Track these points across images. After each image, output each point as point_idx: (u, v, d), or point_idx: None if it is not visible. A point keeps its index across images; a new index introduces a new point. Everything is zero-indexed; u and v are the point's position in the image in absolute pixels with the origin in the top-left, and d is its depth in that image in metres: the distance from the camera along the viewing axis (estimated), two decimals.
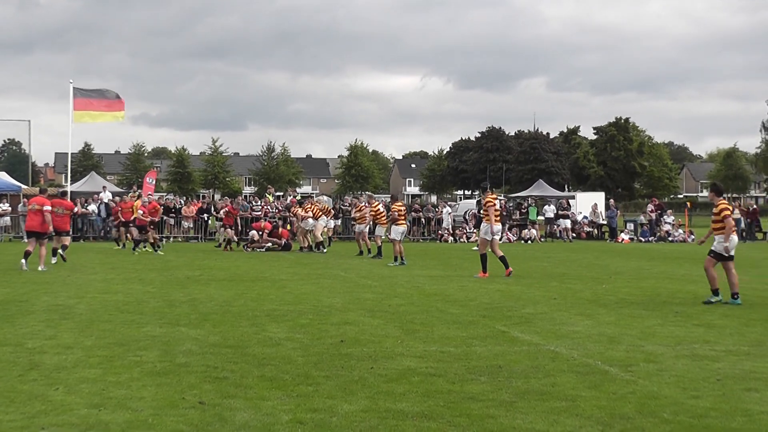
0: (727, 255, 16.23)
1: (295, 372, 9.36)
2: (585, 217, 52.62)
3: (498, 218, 22.72)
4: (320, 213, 34.11)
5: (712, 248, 16.43)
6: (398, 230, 27.58)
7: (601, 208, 53.52)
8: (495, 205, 22.51)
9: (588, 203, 55.14)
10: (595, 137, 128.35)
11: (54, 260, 25.51)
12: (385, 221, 30.02)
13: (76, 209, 27.90)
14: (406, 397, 8.22)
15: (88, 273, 22.28)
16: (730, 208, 16.90)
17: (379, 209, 30.83)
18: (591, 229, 51.76)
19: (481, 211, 23.03)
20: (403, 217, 28.19)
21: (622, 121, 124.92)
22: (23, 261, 23.08)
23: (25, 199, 33.33)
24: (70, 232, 28.94)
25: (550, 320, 13.75)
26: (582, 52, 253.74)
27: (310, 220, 33.89)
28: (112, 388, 8.46)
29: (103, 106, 45.56)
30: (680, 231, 48.53)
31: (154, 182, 50.29)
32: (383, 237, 30.90)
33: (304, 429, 7.04)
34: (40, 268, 22.85)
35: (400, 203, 29.11)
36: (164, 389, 8.45)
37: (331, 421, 7.31)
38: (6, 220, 43.87)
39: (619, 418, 7.48)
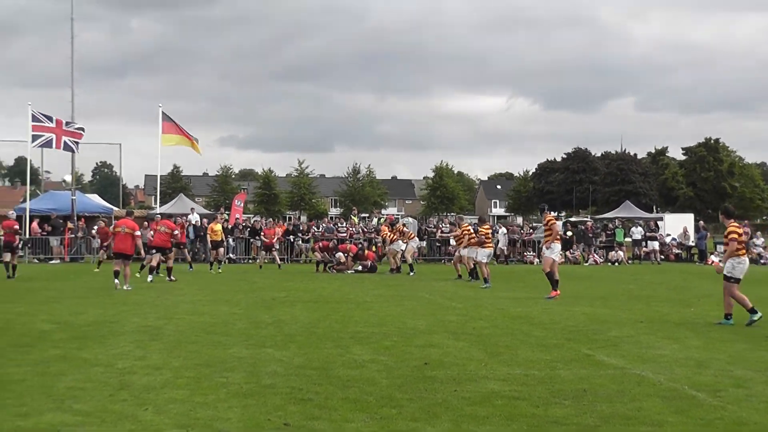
0: (729, 276, 16.49)
1: (379, 394, 9.41)
2: (674, 239, 51.88)
3: (558, 239, 23.09)
4: (411, 235, 34.41)
5: (727, 273, 16.54)
6: (485, 253, 27.51)
7: (691, 230, 52.71)
8: (557, 225, 22.63)
9: (676, 225, 54.39)
10: (683, 158, 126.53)
11: (150, 278, 26.87)
12: (475, 242, 29.65)
13: (176, 231, 28.81)
14: (490, 420, 8.22)
15: (176, 294, 22.63)
16: (739, 231, 16.97)
17: (470, 230, 30.52)
18: (680, 251, 51.01)
19: (545, 231, 23.00)
20: (489, 240, 28.12)
21: (712, 141, 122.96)
22: (116, 281, 24.06)
23: (115, 220, 34.13)
24: (172, 251, 29.66)
25: (636, 343, 13.59)
26: (671, 71, 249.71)
27: (401, 243, 34.05)
28: (200, 409, 8.61)
29: (186, 135, 46.82)
30: None
31: (242, 204, 50.92)
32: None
33: None
34: (125, 287, 23.59)
35: (487, 225, 28.88)
36: (250, 410, 8.56)
37: None
38: (99, 242, 44.79)
39: None
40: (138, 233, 24.97)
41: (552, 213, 22.88)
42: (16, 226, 31.69)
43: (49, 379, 10.19)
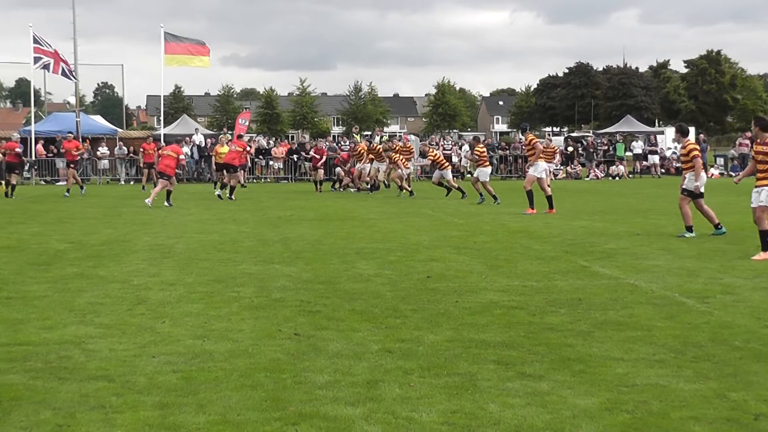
0: (698, 192, 16.85)
1: (384, 306, 9.89)
2: (674, 153, 52.13)
3: (544, 157, 23.55)
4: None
5: (684, 186, 17.03)
6: (486, 172, 27.48)
7: None
8: (538, 144, 23.20)
9: None
10: (685, 71, 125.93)
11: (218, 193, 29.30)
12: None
13: (248, 148, 30.29)
14: (489, 328, 8.69)
15: (184, 214, 23.11)
16: (698, 148, 17.69)
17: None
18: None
19: (528, 151, 23.36)
20: (485, 160, 27.83)
21: (714, 53, 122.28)
22: (167, 203, 25.88)
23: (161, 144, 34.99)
24: (238, 170, 30.52)
25: (632, 255, 14.07)
26: None
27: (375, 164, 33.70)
28: (214, 321, 9.09)
29: (191, 50, 46.70)
30: None
31: (247, 123, 50.84)
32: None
33: (392, 357, 7.54)
34: (147, 201, 25.10)
35: (481, 145, 28.61)
36: (262, 322, 9.04)
37: (418, 350, 7.81)
38: (105, 164, 45.19)
39: (692, 346, 7.85)
40: (182, 156, 26.42)
41: (534, 132, 23.32)
42: (18, 149, 32.22)
43: (69, 295, 10.67)
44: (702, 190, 16.96)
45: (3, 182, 32.04)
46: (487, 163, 28.11)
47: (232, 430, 5.68)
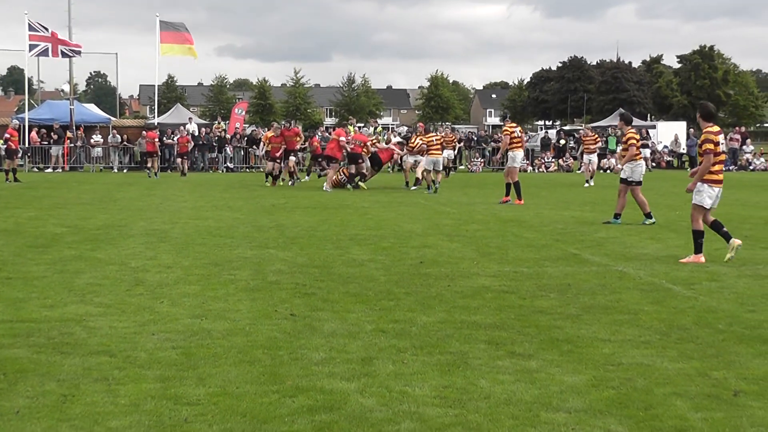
0: (635, 181, 17.62)
1: (378, 289, 10.11)
2: (665, 147, 52.44)
3: (520, 146, 23.52)
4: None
5: (622, 176, 17.77)
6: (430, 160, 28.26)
7: (682, 138, 53.23)
8: (515, 133, 23.32)
9: (670, 133, 54.85)
10: (679, 66, 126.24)
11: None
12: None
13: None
14: (480, 310, 8.91)
15: (178, 201, 23.27)
16: (637, 137, 18.40)
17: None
18: (671, 159, 51.63)
19: (506, 140, 23.55)
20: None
21: (707, 49, 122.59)
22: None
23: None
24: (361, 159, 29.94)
25: (621, 244, 14.31)
26: None
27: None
28: (211, 302, 9.29)
29: (187, 39, 46.76)
30: (762, 160, 48.21)
31: (243, 113, 50.68)
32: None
33: (386, 336, 7.76)
34: (325, 187, 27.61)
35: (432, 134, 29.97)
36: (258, 303, 9.25)
37: (411, 330, 8.03)
38: (98, 151, 45.28)
39: (677, 328, 8.08)
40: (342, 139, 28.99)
41: (513, 123, 23.45)
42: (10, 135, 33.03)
43: (68, 276, 10.86)
44: (632, 177, 17.63)
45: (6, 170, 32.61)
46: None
47: (231, 401, 5.89)
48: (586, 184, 31.63)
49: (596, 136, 33.26)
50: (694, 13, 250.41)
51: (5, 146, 33.48)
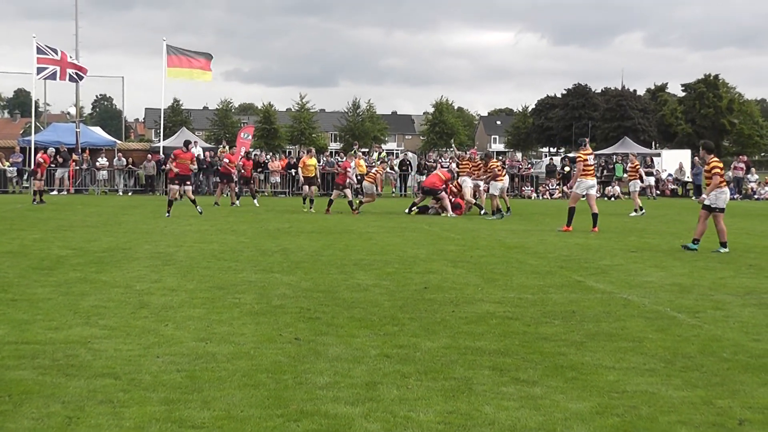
0: (719, 208, 17.69)
1: (382, 314, 10.11)
2: (670, 175, 52.49)
3: (590, 174, 23.20)
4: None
5: (705, 203, 17.94)
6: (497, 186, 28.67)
7: (687, 166, 53.27)
8: (587, 160, 22.93)
9: (674, 161, 54.94)
10: (683, 94, 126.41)
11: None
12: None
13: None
14: (484, 336, 8.91)
15: (183, 225, 23.29)
16: (721, 165, 18.13)
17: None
18: (675, 187, 51.67)
19: (576, 167, 23.57)
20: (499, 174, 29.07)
21: (712, 78, 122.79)
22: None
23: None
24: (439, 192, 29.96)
25: (625, 271, 14.31)
26: (683, 4, 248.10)
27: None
28: (216, 326, 9.30)
29: (192, 63, 46.96)
30: (766, 188, 48.23)
31: (249, 137, 50.61)
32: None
33: (390, 361, 7.76)
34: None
35: (494, 160, 30.20)
36: (263, 327, 9.26)
37: (415, 355, 8.03)
38: (103, 174, 45.42)
39: (682, 356, 8.08)
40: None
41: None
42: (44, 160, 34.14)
43: (73, 298, 10.88)
44: (717, 204, 17.67)
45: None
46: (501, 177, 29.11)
47: (236, 425, 5.89)
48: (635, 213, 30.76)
49: (637, 163, 33.68)
50: (701, 42, 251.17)
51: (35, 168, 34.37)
